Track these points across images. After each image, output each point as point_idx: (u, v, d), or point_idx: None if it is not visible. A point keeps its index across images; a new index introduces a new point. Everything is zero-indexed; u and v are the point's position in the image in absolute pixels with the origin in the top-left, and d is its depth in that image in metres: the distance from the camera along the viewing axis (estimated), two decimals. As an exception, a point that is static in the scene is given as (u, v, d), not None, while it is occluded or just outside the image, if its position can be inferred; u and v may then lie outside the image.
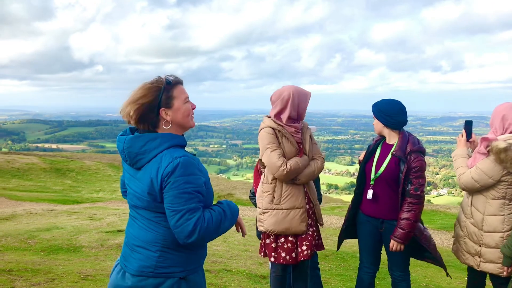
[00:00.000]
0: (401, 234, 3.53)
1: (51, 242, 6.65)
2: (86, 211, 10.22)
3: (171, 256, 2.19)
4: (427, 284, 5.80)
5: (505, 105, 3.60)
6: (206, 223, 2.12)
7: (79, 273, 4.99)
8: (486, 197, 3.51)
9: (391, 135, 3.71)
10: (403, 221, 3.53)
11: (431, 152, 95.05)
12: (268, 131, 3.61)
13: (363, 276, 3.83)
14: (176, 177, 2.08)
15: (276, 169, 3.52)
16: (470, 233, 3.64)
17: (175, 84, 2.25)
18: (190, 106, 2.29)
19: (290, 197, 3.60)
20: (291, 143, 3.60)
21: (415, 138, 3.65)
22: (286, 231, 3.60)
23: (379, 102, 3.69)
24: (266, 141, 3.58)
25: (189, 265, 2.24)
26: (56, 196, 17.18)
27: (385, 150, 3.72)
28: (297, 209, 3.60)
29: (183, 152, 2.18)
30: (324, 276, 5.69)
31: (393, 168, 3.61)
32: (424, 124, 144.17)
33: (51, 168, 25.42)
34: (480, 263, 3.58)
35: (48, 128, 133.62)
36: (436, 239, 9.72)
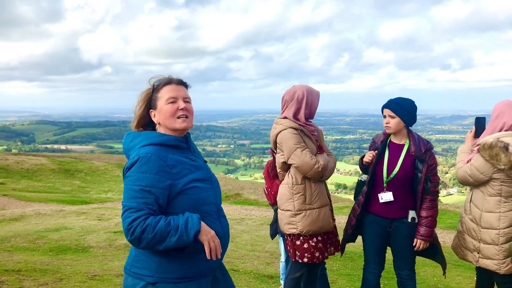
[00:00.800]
0: (428, 232, 3.59)
1: (59, 243, 6.69)
2: (95, 212, 10.27)
3: (143, 258, 2.14)
4: (435, 284, 5.76)
5: (502, 103, 3.62)
6: (144, 227, 1.98)
7: (87, 273, 5.01)
8: (484, 193, 3.54)
9: (402, 135, 3.68)
10: (427, 219, 3.59)
11: (440, 151, 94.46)
12: (292, 131, 3.59)
13: (368, 277, 3.80)
14: (131, 171, 2.07)
15: (310, 168, 3.51)
16: (469, 229, 3.67)
17: (163, 85, 2.24)
18: (173, 107, 2.20)
19: (320, 195, 3.64)
20: (312, 142, 3.66)
21: (421, 136, 3.71)
22: (320, 229, 3.63)
23: (399, 99, 3.63)
24: (293, 142, 3.56)
25: (162, 272, 2.11)
26: (64, 197, 17.29)
27: (394, 150, 3.69)
28: (326, 207, 3.67)
29: (153, 150, 2.11)
30: (331, 276, 5.67)
31: (408, 168, 3.60)
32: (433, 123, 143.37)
33: (60, 169, 25.58)
34: (478, 259, 3.60)
35: (57, 129, 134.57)
36: (445, 238, 9.66)
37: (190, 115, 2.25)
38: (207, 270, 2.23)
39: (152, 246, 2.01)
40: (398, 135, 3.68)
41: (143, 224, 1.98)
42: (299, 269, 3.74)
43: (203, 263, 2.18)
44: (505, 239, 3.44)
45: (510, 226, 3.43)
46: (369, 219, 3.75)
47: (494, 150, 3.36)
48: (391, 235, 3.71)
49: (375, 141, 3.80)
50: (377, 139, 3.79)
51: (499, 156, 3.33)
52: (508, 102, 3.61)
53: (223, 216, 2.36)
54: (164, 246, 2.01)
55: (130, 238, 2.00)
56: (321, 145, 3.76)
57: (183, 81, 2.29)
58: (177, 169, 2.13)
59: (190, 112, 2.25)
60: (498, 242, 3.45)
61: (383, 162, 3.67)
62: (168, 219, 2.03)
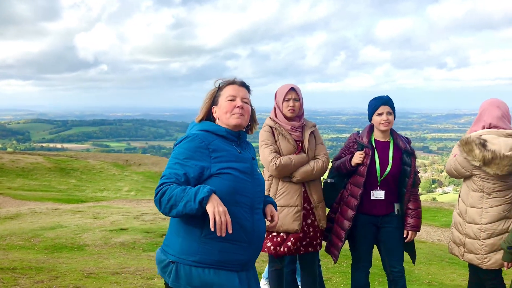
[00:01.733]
0: (417, 222, 3.70)
1: (55, 241, 6.69)
2: (90, 210, 10.26)
3: (171, 238, 2.35)
4: (430, 281, 5.79)
5: (486, 102, 3.70)
6: (164, 190, 2.14)
7: (82, 271, 5.01)
8: (468, 188, 3.61)
9: (388, 132, 3.71)
10: (416, 211, 3.70)
11: (436, 150, 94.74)
12: (265, 129, 3.69)
13: (359, 275, 3.80)
14: (177, 146, 2.33)
15: (267, 164, 3.55)
16: (456, 223, 3.75)
17: (227, 85, 2.47)
18: (231, 104, 2.41)
19: (285, 195, 3.60)
20: (287, 141, 3.62)
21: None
22: (278, 228, 3.58)
23: (389, 97, 3.69)
24: (261, 138, 3.67)
25: (182, 253, 2.26)
26: (60, 195, 17.25)
27: (381, 147, 3.71)
28: (291, 208, 3.59)
29: (201, 133, 2.35)
30: (327, 274, 5.69)
31: (398, 163, 3.66)
32: (429, 121, 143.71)
33: (56, 167, 25.51)
34: (464, 253, 3.67)
35: (53, 127, 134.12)
36: (440, 236, 9.72)
37: (245, 113, 2.43)
38: (228, 262, 2.27)
39: (168, 210, 2.14)
40: (384, 133, 3.70)
41: (165, 189, 2.14)
42: (273, 261, 3.79)
43: (224, 254, 2.26)
44: (486, 235, 3.50)
45: (492, 222, 3.50)
46: (360, 220, 3.69)
47: (469, 146, 3.44)
48: (381, 231, 3.73)
49: (357, 141, 3.73)
50: (361, 139, 3.72)
51: (474, 152, 3.41)
52: (491, 101, 3.68)
53: (258, 214, 2.41)
54: (176, 211, 2.12)
55: (154, 199, 2.18)
56: (303, 145, 3.67)
57: (245, 84, 2.50)
58: (218, 153, 2.30)
59: (245, 111, 2.43)
60: (480, 237, 3.53)
61: (375, 161, 3.67)
62: (185, 187, 2.15)
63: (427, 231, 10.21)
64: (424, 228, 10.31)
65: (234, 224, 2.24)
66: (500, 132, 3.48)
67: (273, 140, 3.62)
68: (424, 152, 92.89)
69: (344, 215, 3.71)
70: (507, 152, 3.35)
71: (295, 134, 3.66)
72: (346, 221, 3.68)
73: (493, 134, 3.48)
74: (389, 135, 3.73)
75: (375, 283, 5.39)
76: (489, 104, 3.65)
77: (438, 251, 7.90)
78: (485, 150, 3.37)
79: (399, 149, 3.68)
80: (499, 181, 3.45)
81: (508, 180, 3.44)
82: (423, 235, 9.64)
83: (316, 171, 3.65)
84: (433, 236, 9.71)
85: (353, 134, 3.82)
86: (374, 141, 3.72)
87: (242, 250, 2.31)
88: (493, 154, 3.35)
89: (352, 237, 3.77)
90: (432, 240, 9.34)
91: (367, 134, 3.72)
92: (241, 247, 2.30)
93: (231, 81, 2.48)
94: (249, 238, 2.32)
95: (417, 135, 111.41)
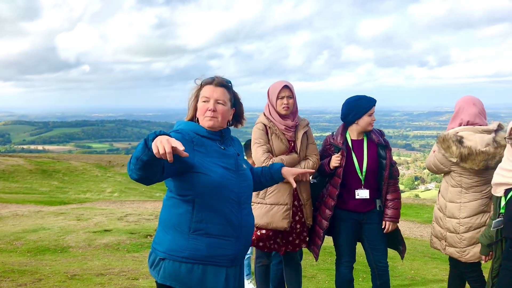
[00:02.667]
0: (395, 213, 3.74)
1: (37, 243, 6.61)
2: (73, 212, 10.15)
3: (159, 234, 2.36)
4: (413, 276, 5.88)
5: (462, 99, 3.78)
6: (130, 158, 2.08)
7: (66, 272, 4.97)
8: (447, 184, 3.71)
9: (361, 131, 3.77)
10: (394, 201, 3.74)
11: (418, 147, 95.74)
12: (259, 126, 3.68)
13: (343, 270, 3.84)
14: None
15: (260, 164, 3.57)
16: (437, 218, 3.85)
17: (204, 85, 2.46)
18: (204, 106, 2.40)
19: (276, 193, 3.63)
20: (280, 141, 3.65)
21: None
22: (268, 225, 3.63)
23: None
24: (254, 136, 3.68)
25: (171, 250, 2.27)
26: (42, 198, 17.02)
27: (357, 146, 3.75)
28: (281, 206, 3.63)
29: (185, 130, 2.36)
30: (311, 271, 5.74)
31: (375, 158, 3.72)
32: (411, 119, 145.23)
33: (37, 169, 25.15)
34: (445, 247, 3.76)
35: (34, 129, 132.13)
36: (423, 232, 9.85)
37: (218, 115, 2.40)
38: (216, 257, 2.29)
39: (134, 166, 2.01)
40: (358, 131, 3.75)
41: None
42: (261, 257, 3.84)
43: (211, 249, 2.28)
44: (465, 228, 3.61)
45: (470, 216, 3.60)
46: (342, 215, 3.74)
47: (447, 143, 3.54)
48: (364, 227, 3.78)
49: (332, 144, 3.77)
50: (335, 141, 3.76)
51: (451, 148, 3.51)
52: (466, 98, 3.77)
53: (246, 209, 2.43)
54: (136, 164, 1.99)
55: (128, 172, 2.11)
56: (295, 145, 3.70)
57: (223, 83, 2.45)
58: (201, 148, 2.32)
59: (219, 113, 2.40)
60: (459, 231, 3.63)
61: (352, 160, 3.71)
62: None
63: (410, 227, 10.34)
64: (407, 224, 10.45)
65: (222, 219, 2.28)
66: (476, 129, 3.57)
67: (267, 139, 3.65)
68: (406, 149, 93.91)
69: (322, 214, 3.77)
70: (483, 148, 3.44)
71: (288, 134, 3.69)
72: (324, 220, 3.74)
73: (469, 130, 3.58)
74: (362, 132, 3.78)
75: (359, 279, 5.45)
76: (465, 102, 3.73)
77: (420, 246, 8.02)
78: (461, 147, 3.48)
79: (374, 143, 3.74)
80: (476, 176, 3.55)
81: (485, 175, 3.52)
82: (406, 231, 9.76)
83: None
84: (416, 232, 9.83)
85: (328, 137, 3.87)
86: (350, 141, 3.77)
87: (230, 245, 2.33)
88: (469, 150, 3.45)
89: (335, 233, 3.82)
90: (415, 236, 9.46)
91: (341, 135, 3.77)
92: (230, 242, 2.33)
93: (209, 81, 2.46)
94: (237, 233, 2.35)
95: (399, 133, 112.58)
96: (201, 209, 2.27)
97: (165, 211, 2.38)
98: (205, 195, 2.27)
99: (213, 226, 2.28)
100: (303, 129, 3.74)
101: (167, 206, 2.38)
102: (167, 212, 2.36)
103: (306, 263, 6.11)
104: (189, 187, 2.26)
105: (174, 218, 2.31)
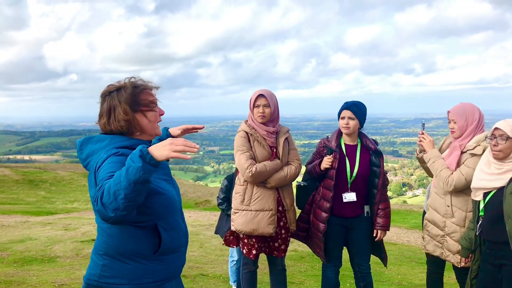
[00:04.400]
0: (387, 222, 3.79)
1: (24, 254, 6.55)
2: (61, 222, 10.08)
3: (115, 266, 2.09)
4: (400, 281, 5.93)
5: (463, 109, 3.67)
6: (101, 192, 1.77)
7: (54, 282, 4.95)
8: (467, 195, 3.51)
9: (355, 136, 3.83)
10: (385, 211, 3.79)
11: (405, 154, 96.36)
12: (240, 134, 3.75)
13: (329, 274, 3.90)
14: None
15: (243, 171, 3.62)
16: (453, 231, 3.62)
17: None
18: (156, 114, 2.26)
19: (260, 200, 3.68)
20: (263, 147, 3.70)
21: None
22: (253, 232, 3.68)
23: (358, 103, 3.77)
24: (237, 144, 3.73)
25: (136, 279, 2.08)
26: (29, 208, 16.86)
27: (350, 151, 3.82)
28: (266, 212, 3.68)
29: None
30: (300, 277, 5.77)
31: (367, 165, 3.78)
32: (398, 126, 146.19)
33: (24, 179, 24.88)
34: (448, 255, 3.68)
35: (20, 139, 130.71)
36: (410, 238, 9.94)
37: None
38: (177, 271, 2.26)
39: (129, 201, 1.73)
40: (351, 136, 3.82)
41: (100, 193, 1.78)
42: (247, 264, 3.87)
43: (173, 264, 2.20)
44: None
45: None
46: (332, 220, 3.79)
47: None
48: (350, 232, 3.84)
49: (326, 145, 3.83)
50: (330, 143, 3.82)
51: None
52: (464, 106, 3.67)
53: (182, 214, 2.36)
54: (132, 193, 1.73)
55: (97, 209, 1.79)
56: (277, 151, 3.75)
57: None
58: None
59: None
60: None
61: (345, 164, 3.77)
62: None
63: (397, 232, 10.42)
64: (394, 230, 10.52)
65: (179, 233, 2.20)
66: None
67: (249, 146, 3.70)
68: (394, 156, 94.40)
69: (318, 218, 3.82)
70: None
71: (270, 140, 3.74)
72: (321, 223, 3.79)
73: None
74: (357, 138, 3.85)
75: (346, 284, 5.49)
76: (470, 110, 3.65)
77: (407, 252, 8.09)
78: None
79: (368, 150, 3.80)
80: None
81: None
82: (393, 236, 9.84)
83: (289, 177, 3.75)
84: (403, 238, 9.91)
85: (323, 139, 3.93)
86: (344, 145, 3.83)
87: (183, 254, 2.26)
88: None
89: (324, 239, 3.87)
90: (402, 241, 9.54)
91: (336, 138, 3.83)
92: (182, 251, 2.25)
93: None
94: (186, 240, 2.28)
95: (387, 140, 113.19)
96: (164, 229, 2.11)
97: (113, 241, 2.08)
98: (164, 215, 2.12)
99: (174, 241, 2.16)
100: (284, 135, 3.80)
101: (115, 235, 2.07)
102: (117, 241, 2.08)
103: (294, 269, 6.15)
104: (150, 212, 2.05)
105: (131, 246, 2.07)
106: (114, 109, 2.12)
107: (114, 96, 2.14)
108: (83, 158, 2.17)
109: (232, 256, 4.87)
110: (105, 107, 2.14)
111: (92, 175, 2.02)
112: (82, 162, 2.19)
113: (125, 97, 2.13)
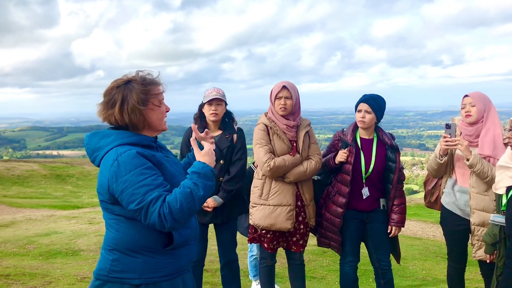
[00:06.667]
0: (402, 218, 3.72)
1: (49, 247, 6.67)
2: (86, 216, 10.23)
3: (125, 261, 2.09)
4: (424, 276, 5.81)
5: (483, 94, 3.54)
6: (168, 208, 1.93)
7: (76, 275, 5.01)
8: None
9: (371, 130, 3.75)
10: (400, 207, 3.71)
11: (432, 147, 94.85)
12: (260, 127, 3.68)
13: (347, 270, 3.82)
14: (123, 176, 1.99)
15: (261, 165, 3.55)
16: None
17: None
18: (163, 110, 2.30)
19: (278, 194, 3.62)
20: (282, 141, 3.62)
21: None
22: (271, 227, 3.63)
23: (376, 96, 3.67)
24: (256, 137, 3.66)
25: (147, 273, 2.08)
26: (56, 202, 17.20)
27: (365, 145, 3.73)
28: (284, 207, 3.62)
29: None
30: (321, 272, 5.71)
31: (383, 160, 3.69)
32: (425, 119, 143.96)
33: (52, 174, 25.41)
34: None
35: (49, 135, 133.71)
36: (436, 232, 9.75)
37: None
38: (187, 264, 2.25)
39: (184, 216, 1.98)
40: (368, 130, 3.73)
41: (165, 207, 1.93)
42: (265, 258, 3.83)
43: (183, 258, 2.20)
44: None
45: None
46: (347, 215, 3.73)
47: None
48: (368, 226, 3.76)
49: (342, 139, 3.74)
50: (345, 137, 3.73)
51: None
52: (482, 93, 3.56)
53: None
54: (198, 208, 2.03)
55: (168, 225, 1.94)
56: (297, 145, 3.67)
57: None
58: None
59: None
60: None
61: (360, 159, 3.68)
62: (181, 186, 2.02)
63: (423, 227, 10.23)
64: (419, 224, 10.35)
65: (190, 228, 2.21)
66: None
67: (268, 139, 3.63)
68: (420, 149, 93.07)
69: (333, 213, 3.74)
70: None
71: (289, 134, 3.66)
72: (336, 218, 3.72)
73: None
74: (373, 132, 3.76)
75: (369, 280, 5.40)
76: (485, 99, 3.55)
77: (433, 247, 7.93)
78: None
79: (384, 145, 3.71)
80: None
81: None
82: (418, 231, 9.67)
83: (309, 172, 3.66)
84: (428, 233, 9.73)
85: (338, 132, 3.85)
86: (359, 139, 3.74)
87: (193, 248, 2.27)
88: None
89: (341, 233, 3.80)
90: (427, 236, 9.36)
91: (352, 132, 3.74)
92: (192, 245, 2.26)
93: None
94: (196, 234, 2.28)
95: (413, 133, 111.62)
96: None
97: (122, 236, 2.10)
98: None
99: (184, 235, 2.16)
100: (305, 129, 3.71)
101: (123, 230, 2.10)
102: (125, 236, 2.10)
103: (316, 264, 6.08)
104: None
105: (140, 240, 2.09)
106: (127, 99, 2.09)
107: (126, 88, 2.12)
108: (89, 153, 2.17)
109: (251, 251, 4.84)
110: (117, 97, 2.11)
111: (112, 179, 2.02)
112: (89, 156, 2.18)
113: (137, 89, 2.11)
